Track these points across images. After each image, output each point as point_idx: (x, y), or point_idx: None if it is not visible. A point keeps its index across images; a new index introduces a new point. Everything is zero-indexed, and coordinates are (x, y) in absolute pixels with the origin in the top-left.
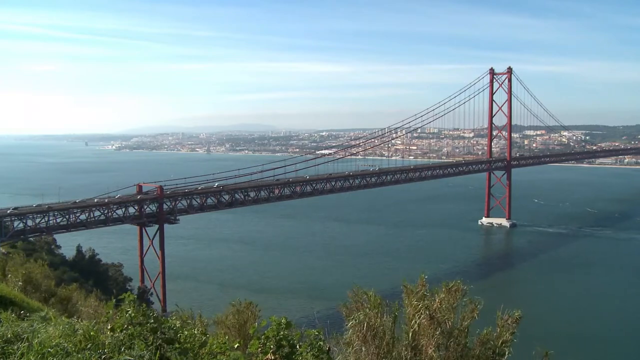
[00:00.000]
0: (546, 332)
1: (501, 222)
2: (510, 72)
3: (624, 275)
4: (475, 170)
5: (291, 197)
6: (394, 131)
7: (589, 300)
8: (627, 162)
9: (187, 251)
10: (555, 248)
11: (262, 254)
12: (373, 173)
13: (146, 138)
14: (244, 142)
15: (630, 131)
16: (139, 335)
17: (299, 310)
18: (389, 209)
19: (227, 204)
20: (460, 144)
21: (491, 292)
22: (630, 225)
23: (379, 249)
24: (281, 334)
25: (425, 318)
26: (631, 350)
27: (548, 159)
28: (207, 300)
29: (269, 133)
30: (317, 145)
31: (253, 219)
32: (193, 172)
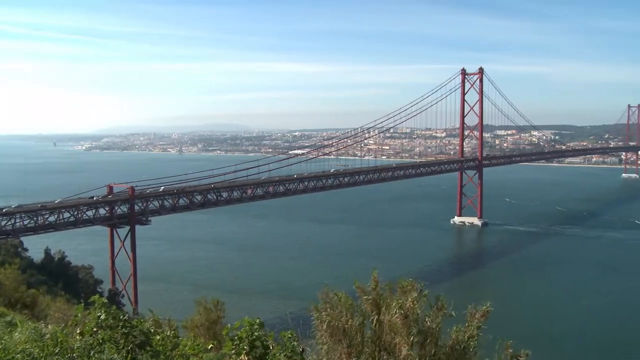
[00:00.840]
0: (516, 329)
1: (473, 221)
2: (481, 73)
3: (592, 273)
4: (447, 169)
5: (264, 198)
6: (367, 131)
7: (558, 297)
8: (595, 162)
9: (159, 252)
10: (525, 246)
11: (235, 254)
12: (346, 173)
13: (117, 138)
14: (216, 142)
15: (597, 131)
16: (109, 339)
17: (272, 311)
18: (362, 208)
19: (199, 205)
20: (432, 144)
21: (463, 291)
22: (598, 224)
23: (353, 249)
24: (255, 334)
25: (400, 317)
26: (599, 346)
27: (519, 159)
28: (179, 302)
29: (241, 133)
30: (289, 145)
31: (226, 219)
32: (165, 172)
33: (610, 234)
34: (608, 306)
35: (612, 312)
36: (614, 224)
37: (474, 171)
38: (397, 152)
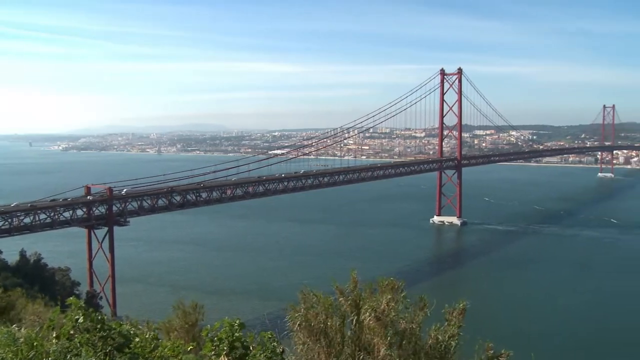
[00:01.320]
0: (495, 328)
1: (452, 221)
2: (460, 73)
3: (569, 271)
4: (426, 169)
5: (244, 198)
6: (347, 131)
7: (536, 296)
8: (571, 161)
9: (137, 253)
10: (504, 245)
11: (215, 255)
12: (325, 173)
13: (94, 138)
14: (195, 143)
15: (574, 131)
16: (86, 343)
17: (251, 312)
18: (341, 208)
19: (178, 205)
20: (411, 144)
21: (442, 290)
22: (575, 223)
23: (332, 249)
24: (235, 335)
25: (372, 319)
26: (576, 344)
27: (497, 158)
28: (158, 303)
29: (220, 133)
30: (269, 145)
31: (205, 220)
32: (144, 173)
33: (587, 233)
34: (584, 305)
35: (588, 311)
36: (590, 223)
37: (453, 171)
38: (376, 152)
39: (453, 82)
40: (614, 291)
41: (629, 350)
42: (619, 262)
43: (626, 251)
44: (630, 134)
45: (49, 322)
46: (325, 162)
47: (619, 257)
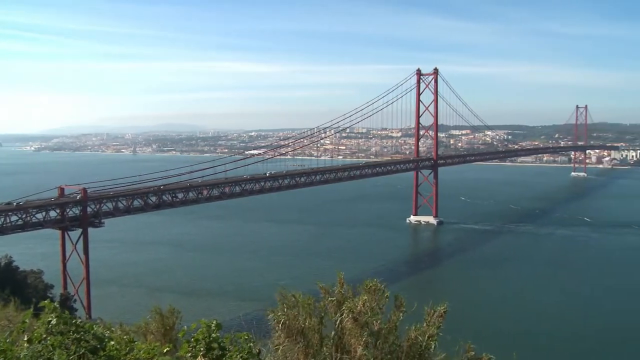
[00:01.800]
0: (471, 327)
1: (429, 220)
2: (436, 73)
3: (545, 269)
4: (403, 169)
5: (220, 198)
6: (323, 131)
7: (512, 294)
8: (546, 161)
9: (113, 255)
10: (480, 244)
11: (191, 256)
12: (302, 173)
13: (68, 139)
14: (171, 143)
15: (548, 131)
16: (59, 346)
17: (228, 313)
18: (318, 208)
19: (154, 206)
20: (388, 144)
21: (419, 289)
22: (550, 221)
23: (310, 249)
24: (212, 336)
25: (349, 320)
26: (551, 342)
27: (473, 158)
28: (134, 305)
29: (197, 133)
30: (246, 145)
31: (182, 220)
32: (119, 173)
33: (561, 231)
34: (560, 302)
35: (564, 308)
36: (564, 222)
37: (429, 170)
38: (353, 152)
39: (429, 82)
40: (589, 288)
41: (605, 347)
42: (593, 260)
43: (599, 249)
44: (602, 134)
45: (20, 325)
46: (302, 162)
47: (593, 255)
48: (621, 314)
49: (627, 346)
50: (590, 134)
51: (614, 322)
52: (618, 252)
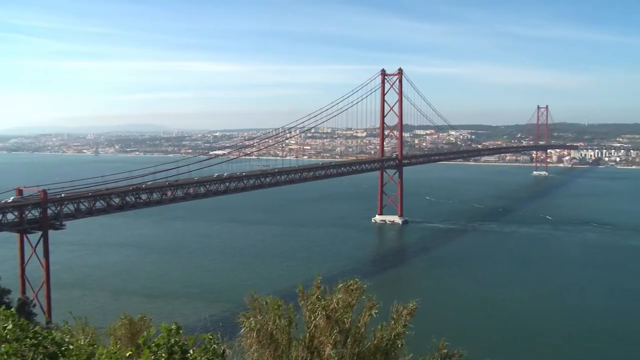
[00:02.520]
0: (438, 324)
1: (394, 220)
2: (400, 74)
3: (508, 267)
4: (368, 169)
5: (185, 199)
6: (288, 131)
7: (477, 291)
8: (508, 160)
9: (74, 258)
10: (445, 243)
11: (156, 257)
12: (267, 173)
13: (27, 139)
14: (134, 143)
15: (511, 130)
16: (15, 353)
17: (193, 314)
18: (284, 209)
19: (117, 207)
20: (353, 144)
21: (386, 288)
22: (513, 220)
23: (275, 250)
24: (172, 340)
25: (322, 318)
26: (515, 336)
27: (438, 158)
28: (97, 309)
29: (160, 133)
30: (210, 145)
31: (146, 222)
32: (81, 174)
33: (524, 229)
34: (523, 298)
35: (527, 304)
36: (526, 220)
37: (394, 170)
38: (318, 152)
39: (394, 82)
40: (551, 284)
41: (566, 340)
42: (555, 258)
43: (560, 246)
44: (562, 134)
45: None
46: (267, 163)
47: (554, 252)
48: (580, 309)
49: (585, 339)
50: (551, 134)
51: (574, 317)
52: (578, 249)
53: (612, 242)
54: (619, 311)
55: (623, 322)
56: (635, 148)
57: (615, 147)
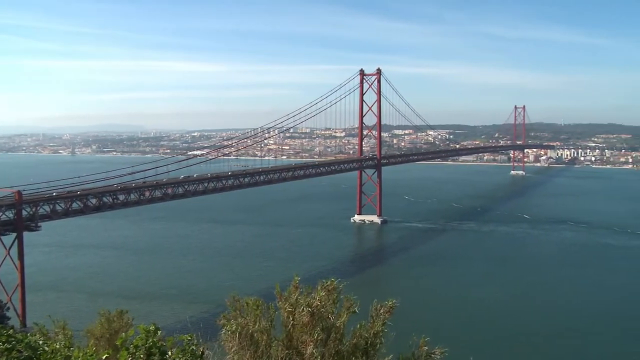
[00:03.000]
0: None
1: (373, 219)
2: (379, 74)
3: (487, 266)
4: (347, 169)
5: (163, 199)
6: (267, 131)
7: (456, 290)
8: (486, 160)
9: (50, 260)
10: (424, 242)
11: (134, 259)
12: (246, 173)
13: (0, 139)
14: (112, 143)
15: (488, 130)
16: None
17: (172, 316)
18: (263, 209)
19: (94, 208)
20: (332, 144)
21: (365, 288)
22: (491, 219)
23: (254, 250)
24: (150, 341)
25: (306, 315)
26: (493, 335)
27: (416, 157)
28: (74, 311)
29: (138, 134)
30: (188, 146)
31: (124, 223)
32: (57, 175)
33: (502, 229)
34: (502, 297)
35: (506, 303)
36: (504, 219)
37: (373, 170)
38: (297, 152)
39: (372, 82)
40: (528, 283)
41: (543, 337)
42: (532, 256)
43: (537, 245)
44: (539, 134)
45: None
46: (245, 163)
47: (531, 251)
48: (557, 307)
49: (561, 337)
50: (528, 134)
51: (551, 314)
52: (555, 248)
53: (587, 240)
54: (595, 308)
55: (598, 319)
56: (610, 148)
57: (591, 147)
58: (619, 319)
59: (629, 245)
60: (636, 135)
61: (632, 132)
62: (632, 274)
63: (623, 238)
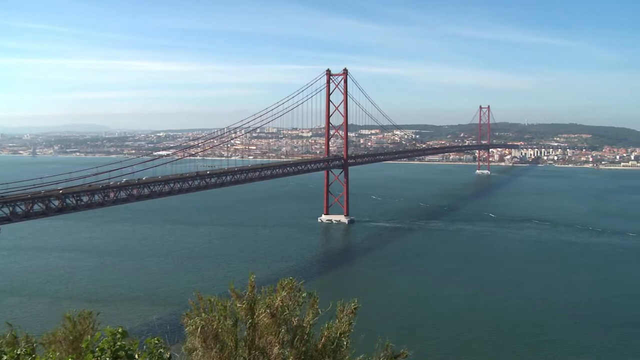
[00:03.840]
0: (383, 322)
1: (340, 219)
2: (345, 74)
3: (453, 264)
4: (314, 169)
5: (128, 201)
6: (233, 131)
7: (423, 288)
8: (452, 159)
9: (10, 263)
10: (391, 241)
11: (99, 261)
12: (212, 173)
13: None
14: (75, 144)
15: (454, 130)
16: None
17: (139, 318)
18: (229, 209)
19: (57, 210)
20: (299, 144)
21: (333, 287)
22: (457, 218)
23: (221, 251)
24: (117, 344)
25: (267, 316)
26: (461, 333)
27: (383, 157)
28: (35, 316)
29: (102, 134)
30: (154, 146)
31: (88, 225)
32: (17, 176)
33: (468, 227)
34: (468, 295)
35: (470, 300)
36: (471, 218)
37: (340, 170)
38: (264, 152)
39: (339, 82)
40: (494, 280)
41: (508, 334)
42: (497, 254)
43: (503, 243)
44: (504, 133)
45: None
46: (212, 163)
47: (497, 249)
48: (521, 303)
49: (525, 333)
50: (492, 133)
51: (515, 311)
52: (520, 246)
53: (551, 238)
54: (557, 305)
55: (560, 315)
56: (571, 147)
57: (553, 147)
58: (581, 315)
59: (590, 242)
60: (596, 135)
61: (592, 132)
62: (593, 270)
63: (584, 235)
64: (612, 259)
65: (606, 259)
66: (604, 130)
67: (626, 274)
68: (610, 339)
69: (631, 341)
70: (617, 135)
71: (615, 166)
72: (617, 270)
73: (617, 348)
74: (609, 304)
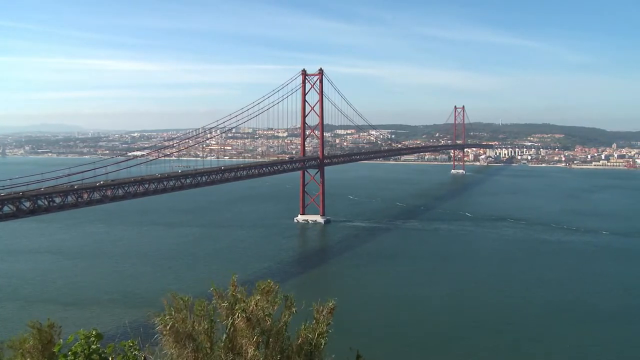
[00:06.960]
0: (362, 322)
1: (316, 219)
2: (321, 74)
3: (430, 263)
4: (290, 169)
5: (102, 202)
6: (209, 131)
7: (400, 288)
8: (427, 159)
9: None
10: (368, 241)
11: (72, 263)
12: (188, 174)
13: None
14: (46, 144)
15: (429, 130)
16: None
17: (112, 321)
18: (205, 210)
19: (28, 212)
20: (274, 144)
21: (308, 288)
22: (434, 217)
23: (197, 252)
24: (92, 347)
25: (242, 320)
26: (438, 331)
27: (359, 157)
28: (6, 321)
29: (75, 134)
30: (128, 146)
31: (61, 226)
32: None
33: (445, 226)
34: (445, 294)
35: (446, 299)
36: (447, 217)
37: (316, 170)
38: (239, 152)
39: (314, 82)
40: (470, 279)
41: (486, 332)
42: (473, 253)
43: (479, 242)
44: (478, 133)
45: None
46: (187, 163)
47: (473, 248)
48: (497, 301)
49: (501, 331)
50: (467, 133)
51: (491, 309)
52: (496, 244)
53: (526, 237)
54: (535, 301)
55: (537, 312)
56: (544, 147)
57: (527, 146)
58: (557, 312)
59: (564, 240)
60: (568, 135)
61: (565, 132)
62: (568, 268)
63: (558, 234)
64: (586, 257)
65: (580, 257)
66: (575, 130)
67: (600, 271)
68: (586, 335)
69: (606, 336)
70: (588, 135)
71: (587, 165)
72: (591, 268)
73: (593, 343)
74: (584, 301)
